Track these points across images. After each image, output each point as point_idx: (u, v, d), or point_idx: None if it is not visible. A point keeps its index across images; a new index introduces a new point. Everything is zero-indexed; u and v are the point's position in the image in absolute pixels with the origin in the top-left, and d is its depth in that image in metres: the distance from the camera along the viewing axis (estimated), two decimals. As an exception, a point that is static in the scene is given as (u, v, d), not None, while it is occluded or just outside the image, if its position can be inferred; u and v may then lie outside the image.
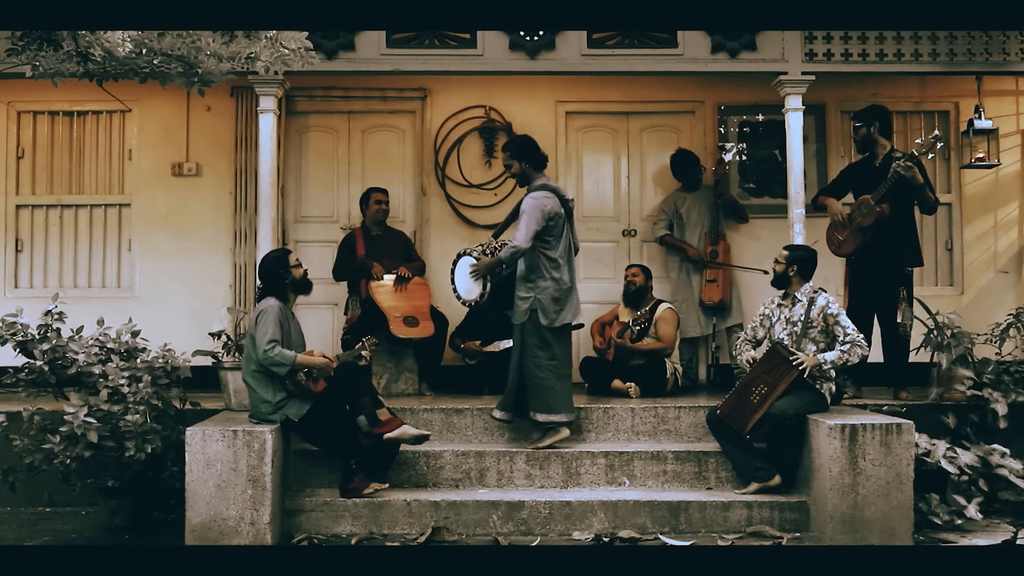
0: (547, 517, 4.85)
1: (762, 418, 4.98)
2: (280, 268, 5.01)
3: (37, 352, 5.02)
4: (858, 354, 5.01)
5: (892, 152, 5.90)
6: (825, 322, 5.09)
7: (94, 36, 3.78)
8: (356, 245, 6.43)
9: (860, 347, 5.02)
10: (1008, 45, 5.92)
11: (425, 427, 5.38)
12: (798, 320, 5.16)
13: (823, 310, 5.10)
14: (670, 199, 6.97)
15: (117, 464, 4.85)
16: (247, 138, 6.90)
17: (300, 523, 4.84)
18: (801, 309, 5.17)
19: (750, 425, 5.00)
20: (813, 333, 5.11)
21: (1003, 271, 7.17)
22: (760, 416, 4.98)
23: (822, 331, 5.11)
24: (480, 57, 5.91)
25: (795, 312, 5.20)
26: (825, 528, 4.70)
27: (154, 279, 7.00)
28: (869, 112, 5.99)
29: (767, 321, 5.35)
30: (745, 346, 5.37)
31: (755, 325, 5.41)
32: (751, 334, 5.40)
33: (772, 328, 5.29)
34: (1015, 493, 5.08)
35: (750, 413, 5.02)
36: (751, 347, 5.35)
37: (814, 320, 5.11)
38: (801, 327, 5.12)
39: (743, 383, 5.12)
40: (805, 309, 5.14)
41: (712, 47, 5.90)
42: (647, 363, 6.12)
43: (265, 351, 4.73)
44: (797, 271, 5.24)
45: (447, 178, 7.15)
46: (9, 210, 7.05)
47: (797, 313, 5.18)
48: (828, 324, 5.08)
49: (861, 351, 5.02)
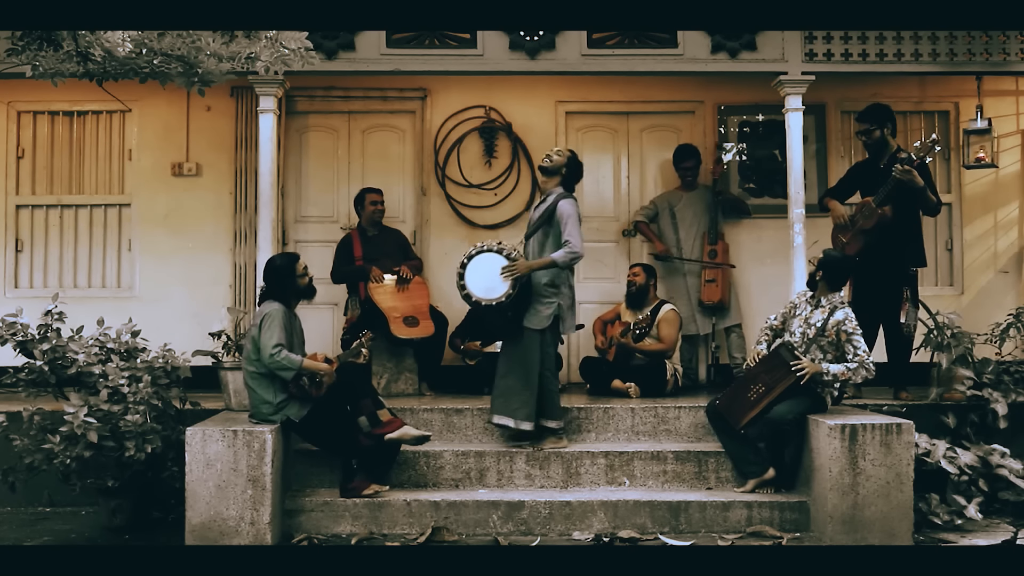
0: (547, 517, 4.85)
1: (757, 418, 4.99)
2: (288, 275, 5.00)
3: (37, 352, 5.03)
4: (862, 375, 4.97)
5: (897, 152, 5.87)
6: (838, 337, 5.07)
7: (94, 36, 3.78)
8: (353, 246, 6.43)
9: (866, 370, 4.97)
10: (1008, 45, 5.92)
11: (425, 427, 5.38)
12: (814, 325, 5.15)
13: (839, 324, 5.06)
14: (665, 196, 6.98)
15: (117, 464, 4.85)
16: (247, 138, 6.90)
17: (300, 523, 4.84)
18: (821, 316, 5.14)
19: (744, 421, 5.02)
20: (823, 342, 5.10)
21: (1003, 271, 7.17)
22: (755, 414, 4.98)
23: (832, 343, 5.09)
24: (480, 57, 5.91)
25: (815, 316, 5.17)
26: (825, 528, 4.70)
27: (154, 279, 7.00)
28: (880, 113, 5.92)
29: (793, 310, 5.32)
30: (764, 335, 5.38)
31: (783, 312, 5.39)
32: (774, 321, 5.40)
33: (792, 319, 5.27)
34: (1015, 493, 5.08)
35: (746, 410, 5.03)
36: (769, 337, 5.35)
37: (828, 331, 5.09)
38: (814, 333, 5.12)
39: (744, 378, 5.14)
40: (825, 317, 5.13)
41: (712, 47, 5.90)
42: (647, 363, 6.12)
43: (272, 355, 4.72)
44: (823, 276, 5.18)
45: (447, 178, 7.15)
46: (9, 210, 7.05)
47: (816, 318, 5.15)
48: (840, 340, 5.06)
49: (866, 374, 4.97)
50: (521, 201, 7.15)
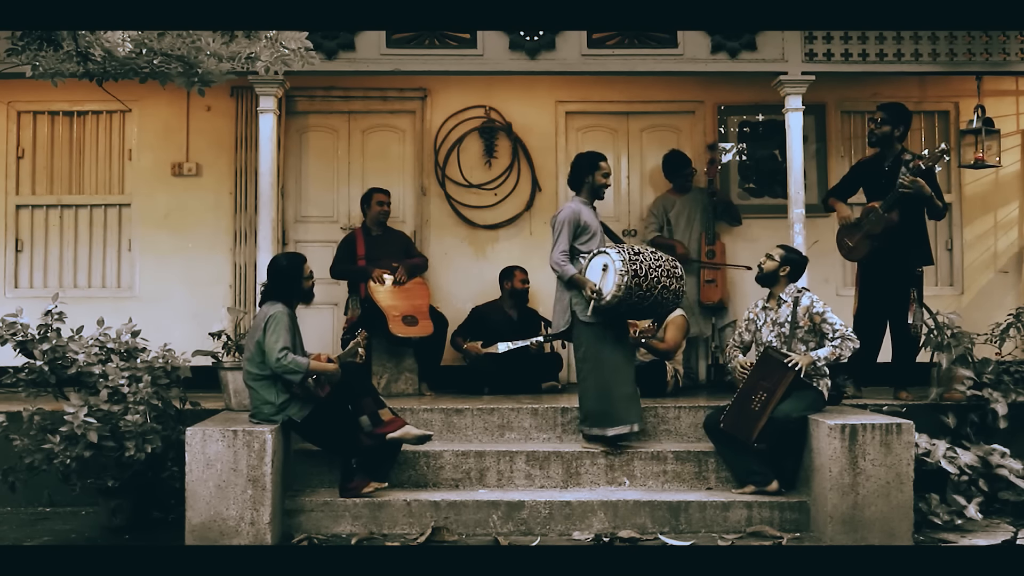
0: (547, 517, 4.85)
1: (766, 426, 4.95)
2: (295, 277, 4.96)
3: (37, 352, 5.02)
4: (850, 347, 5.00)
5: (902, 154, 5.83)
6: (812, 321, 5.08)
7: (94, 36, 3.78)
8: (356, 245, 6.43)
9: (850, 340, 5.00)
10: (1008, 45, 5.92)
11: (425, 427, 5.38)
12: (785, 321, 5.15)
13: (808, 310, 5.09)
14: (659, 202, 6.97)
15: (117, 464, 4.85)
16: (247, 138, 6.90)
17: (300, 523, 4.84)
18: (787, 310, 5.15)
19: (756, 433, 4.92)
20: (801, 333, 5.10)
21: (1003, 271, 7.18)
22: (764, 423, 4.92)
23: (810, 331, 5.09)
24: (480, 57, 5.91)
25: (781, 313, 5.18)
26: (825, 528, 4.69)
27: (154, 279, 7.00)
28: (900, 112, 5.87)
29: (753, 325, 5.32)
30: (734, 352, 5.36)
31: (742, 331, 5.38)
32: (739, 339, 5.38)
33: (759, 332, 5.27)
34: (1015, 493, 5.08)
35: (754, 421, 4.94)
36: (740, 352, 5.34)
37: (800, 320, 5.10)
38: (789, 328, 5.12)
39: (742, 392, 5.04)
40: (791, 310, 5.13)
41: (712, 47, 5.90)
42: (648, 363, 6.12)
43: (279, 359, 4.70)
44: (788, 272, 5.23)
45: (447, 178, 7.15)
46: (9, 210, 7.05)
47: (783, 314, 5.17)
48: (815, 323, 5.07)
49: (852, 344, 5.00)
50: (521, 201, 7.15)
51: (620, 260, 4.93)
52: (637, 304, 5.01)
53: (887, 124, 5.84)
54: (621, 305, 4.97)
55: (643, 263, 4.98)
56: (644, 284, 4.94)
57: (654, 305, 5.09)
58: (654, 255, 5.09)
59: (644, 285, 4.94)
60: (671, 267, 5.10)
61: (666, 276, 5.04)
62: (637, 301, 4.98)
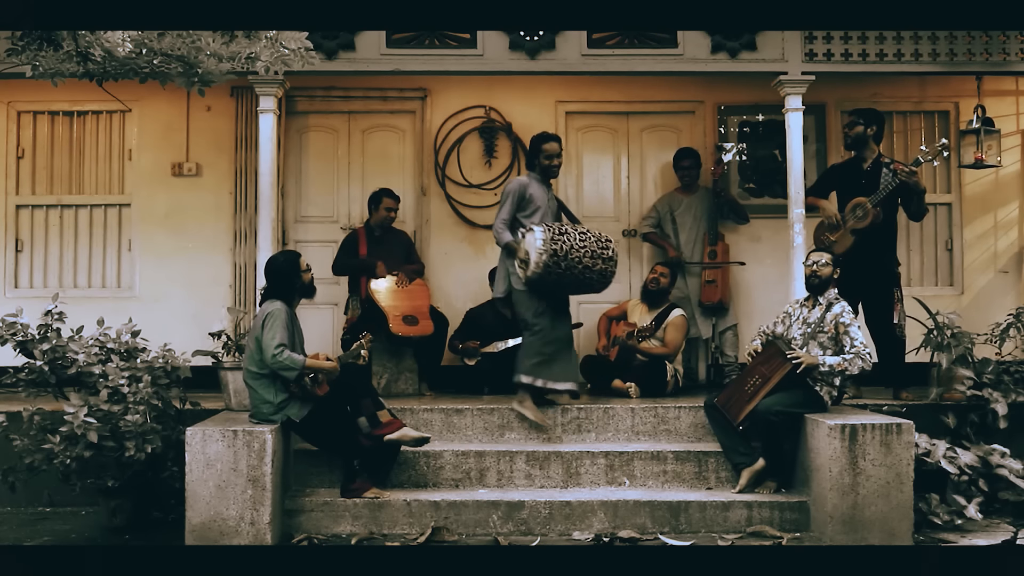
0: (547, 517, 4.85)
1: (753, 411, 4.99)
2: (291, 271, 4.97)
3: (37, 352, 5.02)
4: (858, 366, 4.98)
5: (881, 157, 5.94)
6: (836, 329, 5.08)
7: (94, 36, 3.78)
8: (359, 244, 6.42)
9: (862, 360, 4.98)
10: (1008, 45, 5.92)
11: (425, 427, 5.38)
12: (813, 322, 5.17)
13: (836, 317, 5.10)
14: (665, 200, 6.97)
15: (117, 464, 4.85)
16: (247, 138, 6.90)
17: (300, 523, 4.84)
18: (819, 312, 5.18)
19: (742, 415, 5.02)
20: (823, 338, 5.11)
21: (1003, 271, 7.17)
22: (752, 408, 4.99)
23: (832, 337, 5.10)
24: (480, 57, 5.91)
25: (813, 314, 5.21)
26: (825, 528, 4.70)
27: (154, 279, 7.00)
28: (871, 113, 6.00)
29: (788, 319, 5.35)
30: (759, 336, 5.42)
31: (777, 321, 5.42)
32: (770, 329, 5.41)
33: (791, 327, 5.30)
34: (1015, 493, 5.08)
35: (743, 404, 5.05)
36: (764, 339, 5.37)
37: (826, 325, 5.11)
38: (814, 329, 5.13)
39: (741, 374, 5.17)
40: (822, 313, 5.16)
41: (712, 47, 5.90)
42: (648, 363, 6.12)
43: (274, 355, 4.71)
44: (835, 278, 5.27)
45: (447, 178, 7.15)
46: (9, 210, 7.05)
47: (815, 315, 5.20)
48: (839, 332, 5.07)
49: (862, 364, 4.98)
50: (521, 201, 7.14)
51: (542, 239, 5.18)
52: (559, 280, 5.27)
53: (859, 125, 5.94)
54: (545, 279, 5.23)
55: (565, 243, 5.21)
56: (563, 264, 5.20)
57: (578, 282, 5.34)
58: (583, 236, 5.30)
59: (563, 264, 5.20)
60: (598, 249, 5.31)
61: (589, 257, 5.26)
62: (557, 278, 5.25)
